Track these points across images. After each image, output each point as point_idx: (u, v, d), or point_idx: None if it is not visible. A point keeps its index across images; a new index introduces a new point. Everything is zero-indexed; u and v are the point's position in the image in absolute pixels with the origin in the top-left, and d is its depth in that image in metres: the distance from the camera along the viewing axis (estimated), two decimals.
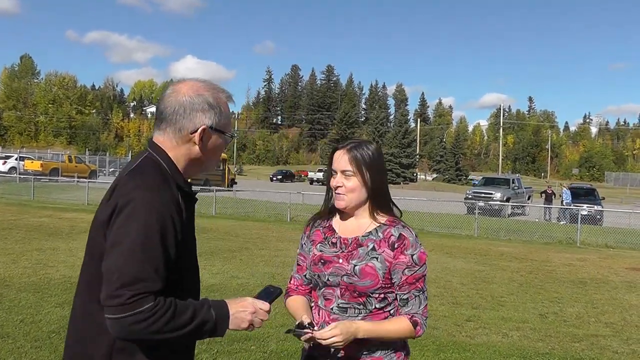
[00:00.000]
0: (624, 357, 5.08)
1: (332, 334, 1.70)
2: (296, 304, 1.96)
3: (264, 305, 1.56)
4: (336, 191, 1.89)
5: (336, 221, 1.97)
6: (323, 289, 1.90)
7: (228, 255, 9.43)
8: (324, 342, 1.71)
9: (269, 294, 1.64)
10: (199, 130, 1.55)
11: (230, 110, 1.67)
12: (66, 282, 6.64)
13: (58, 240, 10.03)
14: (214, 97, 1.58)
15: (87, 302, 1.49)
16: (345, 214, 1.94)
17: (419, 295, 1.85)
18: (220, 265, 8.40)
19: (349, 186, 1.86)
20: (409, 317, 1.84)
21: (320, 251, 1.92)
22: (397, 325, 1.83)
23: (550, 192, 26.27)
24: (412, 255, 1.83)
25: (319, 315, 1.91)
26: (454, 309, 6.56)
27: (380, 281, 1.81)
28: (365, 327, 1.77)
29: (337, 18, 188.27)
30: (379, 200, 1.90)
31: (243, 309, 1.51)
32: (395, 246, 1.84)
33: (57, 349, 4.35)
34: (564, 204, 22.88)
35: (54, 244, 9.55)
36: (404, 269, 1.83)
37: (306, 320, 1.79)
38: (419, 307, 1.85)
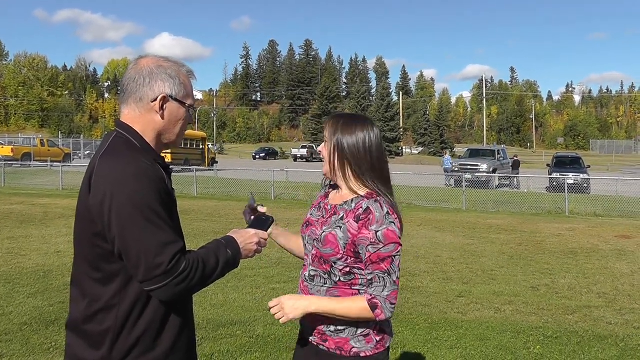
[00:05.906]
0: (617, 327, 4.98)
1: (274, 303, 1.76)
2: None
3: (264, 234, 1.76)
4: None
5: (332, 190, 1.98)
6: (305, 254, 1.95)
7: (212, 237, 9.13)
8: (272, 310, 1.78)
9: (263, 222, 1.81)
10: (158, 98, 1.60)
11: (192, 86, 1.70)
12: (39, 272, 6.36)
13: (30, 228, 9.65)
14: (174, 69, 1.64)
15: (90, 284, 1.52)
16: (337, 185, 1.92)
17: (383, 278, 1.71)
18: None
19: (324, 153, 1.87)
20: (370, 298, 1.72)
21: (311, 215, 1.96)
22: (352, 304, 1.73)
23: (514, 159, 27.97)
24: (376, 232, 1.71)
25: (302, 283, 1.93)
26: (445, 284, 6.40)
27: (341, 251, 1.76)
28: (318, 302, 1.75)
29: None
30: (355, 172, 1.83)
31: (250, 241, 1.70)
32: (360, 218, 1.75)
33: (29, 342, 4.18)
34: (443, 169, 24.37)
35: (27, 232, 9.18)
36: (368, 245, 1.72)
37: (262, 208, 1.96)
38: (382, 291, 1.71)
